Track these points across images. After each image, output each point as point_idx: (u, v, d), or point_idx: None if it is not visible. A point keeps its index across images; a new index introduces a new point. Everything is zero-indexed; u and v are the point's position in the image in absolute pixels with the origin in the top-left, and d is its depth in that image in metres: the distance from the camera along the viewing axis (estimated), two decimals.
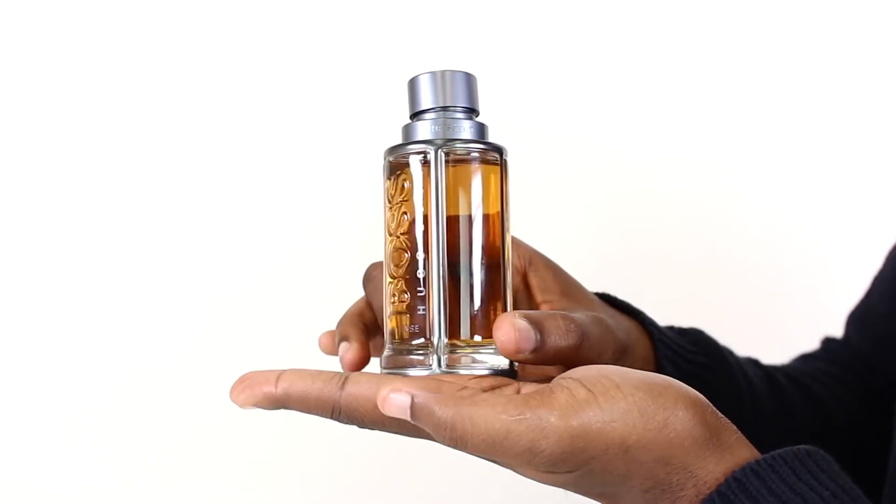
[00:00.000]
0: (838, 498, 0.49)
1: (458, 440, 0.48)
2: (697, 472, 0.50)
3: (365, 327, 0.62)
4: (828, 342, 0.84)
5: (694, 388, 0.63)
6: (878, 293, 0.81)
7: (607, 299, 0.65)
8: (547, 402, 0.48)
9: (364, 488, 1.06)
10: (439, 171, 0.54)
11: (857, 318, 0.82)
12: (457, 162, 0.54)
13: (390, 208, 0.55)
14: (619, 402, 0.48)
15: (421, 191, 0.54)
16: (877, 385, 0.80)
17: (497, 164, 0.55)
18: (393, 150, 0.55)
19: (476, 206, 0.55)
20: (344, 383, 0.51)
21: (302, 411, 0.52)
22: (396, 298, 0.55)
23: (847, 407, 0.78)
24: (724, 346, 0.72)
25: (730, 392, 0.69)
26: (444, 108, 0.55)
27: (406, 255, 0.54)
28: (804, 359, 0.84)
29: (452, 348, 0.54)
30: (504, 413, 0.47)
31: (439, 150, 0.54)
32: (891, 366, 0.78)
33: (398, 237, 0.54)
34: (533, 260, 0.64)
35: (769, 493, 0.48)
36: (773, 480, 0.49)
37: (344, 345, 0.61)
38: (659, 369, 0.64)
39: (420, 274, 0.54)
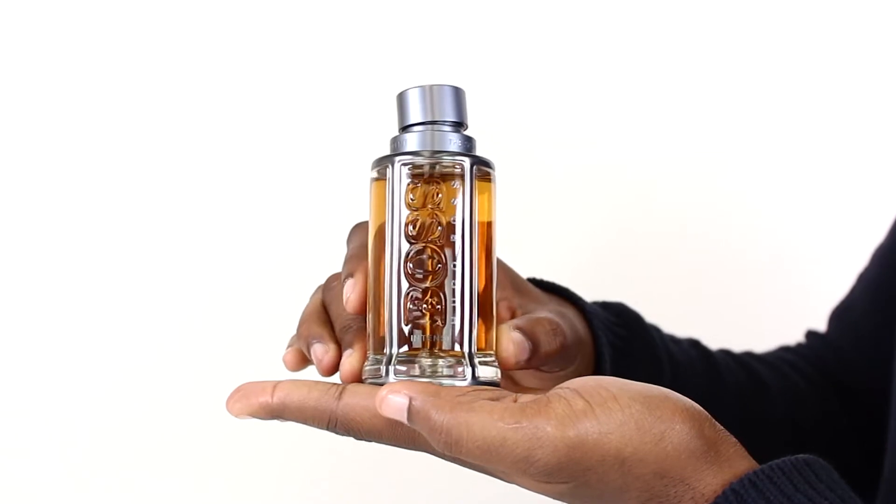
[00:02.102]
0: None
1: (453, 445, 0.48)
2: (695, 484, 0.49)
3: (332, 328, 0.58)
4: (810, 336, 0.84)
5: (617, 358, 0.65)
6: (860, 291, 0.81)
7: (538, 284, 0.66)
8: (544, 411, 0.48)
9: (362, 490, 1.06)
10: (473, 182, 0.54)
11: (838, 315, 0.83)
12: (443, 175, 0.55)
13: (417, 213, 0.54)
14: (615, 413, 0.48)
15: (462, 199, 0.54)
16: (850, 383, 0.80)
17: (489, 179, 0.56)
18: (389, 159, 0.55)
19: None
20: (341, 394, 0.50)
21: (298, 422, 0.52)
22: (426, 307, 0.54)
23: (799, 396, 0.78)
24: (650, 323, 0.73)
25: (650, 363, 0.69)
26: (434, 122, 0.55)
27: (439, 264, 0.54)
28: (781, 349, 0.85)
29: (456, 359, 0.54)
30: (500, 421, 0.47)
31: (474, 166, 0.54)
32: (865, 364, 0.79)
33: (427, 245, 0.54)
34: None
35: None
36: (770, 491, 0.49)
37: (320, 347, 0.55)
38: (594, 340, 0.65)
39: (455, 284, 0.54)
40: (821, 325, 0.87)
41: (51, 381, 1.02)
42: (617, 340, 0.66)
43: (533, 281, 0.65)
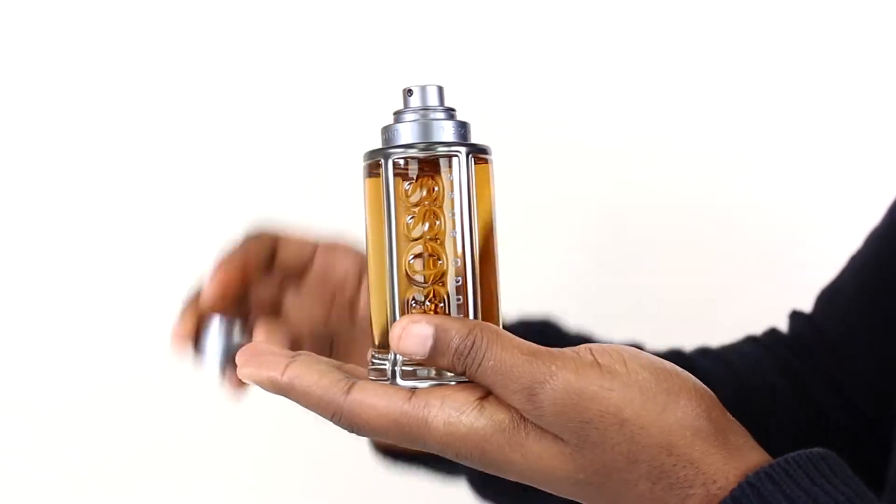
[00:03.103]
0: (852, 502, 0.48)
1: (473, 359, 0.48)
2: (705, 469, 0.49)
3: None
4: (794, 316, 0.83)
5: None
6: (850, 272, 0.80)
7: None
8: (556, 357, 0.48)
9: (363, 489, 1.06)
10: (470, 174, 0.52)
11: (825, 297, 0.81)
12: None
13: (413, 209, 0.52)
14: (620, 376, 0.48)
15: (455, 194, 0.52)
16: (830, 366, 0.78)
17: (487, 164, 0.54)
18: (385, 152, 0.52)
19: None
20: (350, 389, 0.49)
21: (301, 405, 0.50)
22: (427, 307, 0.52)
23: (768, 381, 0.78)
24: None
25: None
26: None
27: (440, 262, 0.52)
28: (746, 340, 0.83)
29: None
30: (518, 349, 0.48)
31: (470, 155, 0.52)
32: (848, 346, 0.77)
33: (428, 242, 0.52)
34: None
35: (784, 497, 0.47)
36: (787, 485, 0.48)
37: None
38: None
39: (458, 282, 0.52)
40: None
41: (51, 381, 1.02)
42: None
43: None
